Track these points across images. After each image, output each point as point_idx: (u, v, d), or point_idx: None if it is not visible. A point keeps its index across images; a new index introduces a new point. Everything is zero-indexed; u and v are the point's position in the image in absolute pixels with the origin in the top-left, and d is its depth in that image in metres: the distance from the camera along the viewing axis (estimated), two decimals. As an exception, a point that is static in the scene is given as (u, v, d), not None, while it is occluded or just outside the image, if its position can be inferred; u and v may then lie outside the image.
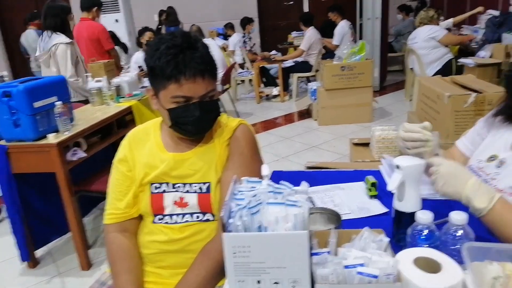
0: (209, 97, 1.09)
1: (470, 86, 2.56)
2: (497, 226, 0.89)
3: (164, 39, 1.05)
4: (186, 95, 1.05)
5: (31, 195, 2.37)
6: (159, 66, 1.03)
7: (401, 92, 5.83)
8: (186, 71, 1.02)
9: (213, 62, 1.10)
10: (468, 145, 1.25)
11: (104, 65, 2.96)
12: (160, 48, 1.03)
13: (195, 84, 1.04)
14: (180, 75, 1.02)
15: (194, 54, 1.03)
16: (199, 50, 1.05)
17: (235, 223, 0.70)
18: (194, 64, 1.02)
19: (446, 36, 4.43)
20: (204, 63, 1.04)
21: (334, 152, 3.85)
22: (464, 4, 6.44)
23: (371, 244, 0.79)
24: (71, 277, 2.29)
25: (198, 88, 1.05)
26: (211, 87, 1.08)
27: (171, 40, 1.04)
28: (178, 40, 1.04)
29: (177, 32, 1.08)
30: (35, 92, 2.06)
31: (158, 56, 1.03)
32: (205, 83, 1.06)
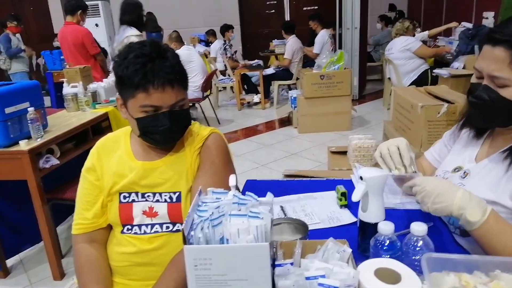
0: (179, 107, 1.09)
1: (443, 97, 2.63)
2: (488, 239, 0.88)
3: (133, 48, 1.05)
4: (154, 104, 1.05)
5: (2, 203, 2.31)
6: (127, 74, 1.02)
7: (380, 101, 5.94)
8: (154, 80, 1.01)
9: (183, 72, 1.09)
10: (436, 156, 1.28)
11: (80, 70, 2.91)
12: (129, 57, 1.03)
13: (164, 93, 1.03)
14: (149, 84, 1.01)
15: (163, 64, 1.03)
16: (168, 59, 1.05)
17: (197, 235, 0.70)
18: (163, 74, 1.02)
19: (420, 48, 4.54)
20: (173, 72, 1.04)
21: (313, 160, 3.88)
22: (440, 16, 6.65)
23: (335, 255, 0.80)
24: (43, 287, 2.23)
25: (167, 97, 1.04)
26: (181, 97, 1.08)
27: (140, 49, 1.03)
28: (147, 49, 1.03)
29: (146, 41, 1.08)
30: (7, 98, 2.01)
31: (126, 65, 1.03)
32: (175, 92, 1.05)
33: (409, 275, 0.73)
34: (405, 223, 1.05)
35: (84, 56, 4.08)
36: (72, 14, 4.08)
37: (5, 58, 5.73)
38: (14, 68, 5.90)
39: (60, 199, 2.31)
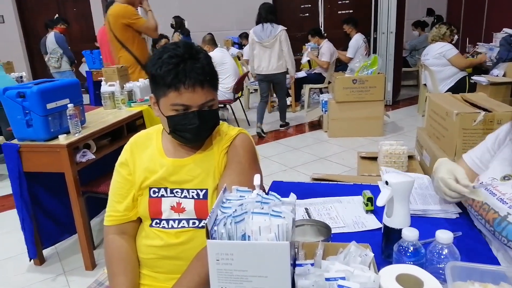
0: (208, 107, 1.12)
1: (480, 105, 2.54)
2: None
3: (167, 48, 1.09)
4: (185, 103, 1.08)
5: (41, 194, 2.42)
6: (160, 74, 1.07)
7: (414, 107, 5.79)
8: (186, 80, 1.05)
9: (214, 73, 1.13)
10: (477, 161, 1.23)
11: (118, 70, 3.02)
12: (163, 57, 1.07)
13: (194, 93, 1.07)
14: (180, 84, 1.05)
15: (194, 65, 1.06)
16: (200, 61, 1.08)
17: (219, 231, 0.72)
18: (194, 74, 1.05)
19: (456, 57, 4.39)
20: (204, 73, 1.07)
21: (342, 165, 3.83)
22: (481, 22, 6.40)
23: (357, 258, 0.80)
24: (75, 276, 2.33)
25: (197, 97, 1.08)
26: (211, 97, 1.11)
27: (174, 50, 1.08)
28: (181, 50, 1.07)
29: (180, 42, 1.12)
30: (49, 94, 2.12)
31: (160, 64, 1.07)
32: (204, 93, 1.09)
33: (431, 283, 0.72)
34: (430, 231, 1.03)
35: None
36: None
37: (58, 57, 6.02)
38: (64, 67, 6.20)
39: (95, 192, 2.41)
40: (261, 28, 4.59)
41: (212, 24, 8.14)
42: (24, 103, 2.07)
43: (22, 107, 2.08)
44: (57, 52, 6.05)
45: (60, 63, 6.10)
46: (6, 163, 2.21)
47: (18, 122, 2.11)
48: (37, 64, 9.27)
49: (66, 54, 6.13)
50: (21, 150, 2.16)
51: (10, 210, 3.16)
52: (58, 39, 6.08)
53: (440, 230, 0.80)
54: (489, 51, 4.74)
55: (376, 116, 4.52)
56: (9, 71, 5.05)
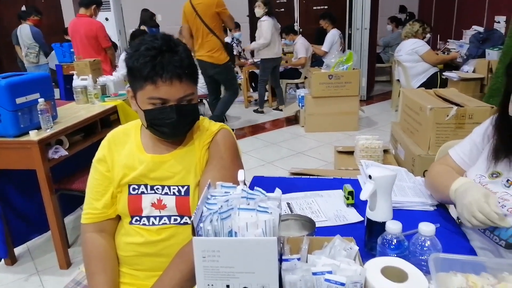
0: (187, 101, 1.09)
1: (452, 100, 2.62)
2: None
3: (145, 40, 1.06)
4: (162, 97, 1.05)
5: (11, 192, 2.33)
6: (137, 67, 1.04)
7: (388, 102, 5.91)
8: (163, 73, 1.02)
9: (193, 67, 1.10)
10: (465, 158, 1.20)
11: (90, 63, 2.93)
12: (140, 49, 1.04)
13: (171, 87, 1.04)
14: (157, 76, 1.02)
15: (172, 57, 1.03)
16: (178, 54, 1.05)
17: (205, 227, 0.70)
18: (172, 67, 1.02)
19: (427, 53, 4.50)
20: (182, 67, 1.04)
21: (319, 159, 3.88)
22: (451, 19, 6.60)
23: (342, 252, 0.80)
24: (49, 275, 2.26)
25: (174, 91, 1.05)
26: (189, 91, 1.08)
27: (151, 42, 1.04)
28: (158, 42, 1.04)
29: (158, 34, 1.08)
30: (18, 88, 2.03)
31: (137, 57, 1.04)
32: (183, 86, 1.06)
33: (415, 274, 0.73)
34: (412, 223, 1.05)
35: (96, 49, 4.12)
36: (87, 7, 4.14)
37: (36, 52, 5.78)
38: (41, 61, 5.97)
39: (68, 189, 2.33)
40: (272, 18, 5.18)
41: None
42: (-9, 98, 1.97)
43: (-11, 101, 1.98)
44: (35, 47, 5.81)
45: (39, 58, 5.87)
46: (-27, 160, 2.11)
47: (-15, 118, 2.01)
48: (3, 57, 8.88)
49: (43, 50, 5.89)
50: (-11, 147, 2.06)
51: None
52: (35, 34, 5.83)
53: (423, 222, 0.81)
54: (459, 47, 4.89)
55: (351, 111, 4.59)
56: (-26, 64, 4.81)
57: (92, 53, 4.07)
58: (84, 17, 4.16)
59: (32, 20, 5.88)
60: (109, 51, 4.29)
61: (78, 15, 4.21)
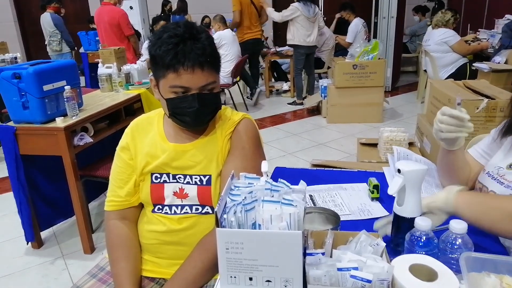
0: (209, 90, 1.08)
1: (482, 92, 2.52)
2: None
3: (168, 28, 1.05)
4: (184, 85, 1.04)
5: (38, 177, 2.39)
6: (160, 54, 1.02)
7: (413, 94, 5.77)
8: (185, 61, 1.01)
9: (216, 54, 1.08)
10: (482, 152, 1.22)
11: (115, 51, 2.96)
12: (162, 37, 1.03)
13: (193, 75, 1.03)
14: (179, 65, 1.01)
15: (194, 45, 1.02)
16: (200, 41, 1.03)
17: (229, 219, 0.69)
18: (194, 55, 1.01)
19: (458, 43, 4.33)
20: (204, 54, 1.02)
21: (341, 151, 3.82)
22: (483, 8, 6.33)
23: (368, 248, 0.78)
24: (73, 259, 2.32)
25: (196, 79, 1.04)
26: (211, 79, 1.07)
27: (174, 30, 1.03)
28: (181, 30, 1.03)
29: (181, 22, 1.07)
30: (45, 76, 2.07)
31: (160, 44, 1.03)
32: (205, 75, 1.04)
33: (446, 273, 0.70)
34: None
35: (119, 37, 4.17)
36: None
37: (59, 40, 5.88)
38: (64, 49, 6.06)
39: (93, 176, 2.38)
40: (304, 5, 5.13)
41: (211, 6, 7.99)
42: (20, 85, 2.02)
43: (18, 88, 2.03)
44: (57, 35, 5.89)
45: (61, 46, 5.96)
46: (2, 145, 2.18)
47: (14, 104, 2.06)
48: (31, 45, 9.10)
49: (64, 38, 5.98)
50: (17, 133, 2.11)
51: (6, 193, 3.13)
52: (56, 20, 5.91)
53: (454, 219, 0.78)
54: (490, 37, 4.69)
55: (375, 102, 4.49)
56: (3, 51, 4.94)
57: (115, 41, 4.12)
58: (108, 5, 4.21)
59: (52, 7, 5.95)
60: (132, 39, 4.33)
61: (103, 3, 4.28)
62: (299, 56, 5.33)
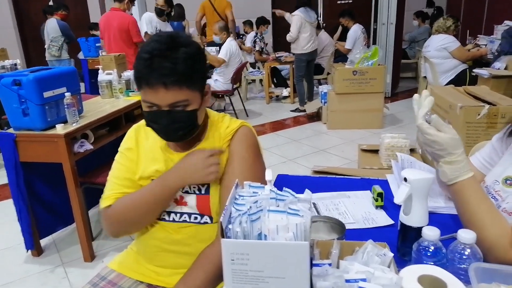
0: (182, 107, 1.04)
1: (483, 98, 2.51)
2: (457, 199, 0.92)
3: (149, 40, 1.05)
4: (152, 101, 1.03)
5: (38, 184, 2.38)
6: (134, 68, 1.03)
7: (413, 100, 5.76)
8: (148, 79, 0.99)
9: (191, 72, 1.02)
10: (484, 162, 1.17)
11: (115, 58, 2.96)
12: (141, 50, 1.03)
13: (157, 93, 1.00)
14: (143, 81, 1.00)
15: (161, 64, 0.98)
16: (170, 59, 0.99)
17: (234, 229, 0.68)
18: (156, 75, 0.98)
19: (458, 49, 4.34)
20: (171, 74, 0.98)
21: (342, 157, 3.81)
22: (481, 14, 6.36)
23: (375, 258, 0.77)
24: (74, 267, 2.30)
25: (160, 97, 1.01)
26: (181, 97, 1.02)
27: (149, 44, 1.02)
28: (155, 45, 1.01)
29: (164, 35, 1.04)
30: (45, 82, 2.06)
31: (137, 58, 1.03)
32: (170, 93, 1.00)
33: (455, 285, 0.69)
34: (447, 229, 1.00)
35: (127, 43, 4.19)
36: (120, 1, 4.22)
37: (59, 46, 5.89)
38: (63, 55, 6.08)
39: (93, 183, 2.36)
40: (305, 11, 5.11)
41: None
42: (20, 91, 2.01)
43: (18, 95, 2.02)
44: (59, 41, 5.92)
45: (61, 52, 5.98)
46: (1, 152, 2.16)
47: (14, 111, 2.06)
48: (31, 51, 9.11)
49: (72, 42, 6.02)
50: (17, 140, 2.10)
51: (5, 200, 3.11)
52: (63, 27, 5.94)
53: (463, 229, 0.77)
54: (490, 43, 4.70)
55: (375, 108, 4.50)
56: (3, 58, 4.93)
57: (123, 46, 4.13)
58: (117, 11, 4.22)
59: (60, 14, 6.00)
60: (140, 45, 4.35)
61: (111, 9, 4.29)
62: (300, 63, 5.32)
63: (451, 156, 0.90)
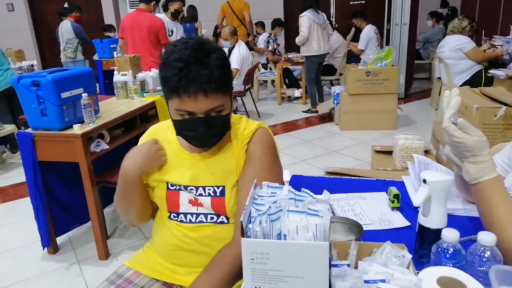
0: (216, 112, 1.05)
1: (499, 99, 2.48)
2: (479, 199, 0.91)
3: (176, 48, 1.02)
4: (188, 110, 1.03)
5: (54, 183, 2.42)
6: (165, 77, 1.01)
7: (427, 101, 5.71)
8: (188, 87, 0.98)
9: (225, 77, 1.04)
10: (503, 164, 1.16)
11: (130, 59, 2.99)
12: (170, 58, 1.01)
13: (196, 101, 1.00)
14: (182, 90, 0.99)
15: (199, 71, 0.98)
16: (207, 66, 0.99)
17: (254, 229, 0.69)
18: (197, 82, 0.98)
19: (473, 50, 4.28)
20: (210, 81, 0.99)
21: (354, 158, 3.79)
22: (497, 15, 6.26)
23: (393, 260, 0.77)
24: (89, 265, 2.34)
25: (200, 105, 1.01)
26: (218, 103, 1.03)
27: (180, 52, 1.00)
28: (187, 53, 0.99)
29: (191, 41, 1.03)
30: (63, 83, 2.10)
31: (166, 66, 1.01)
32: (209, 100, 1.01)
33: (475, 287, 0.69)
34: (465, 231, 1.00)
35: (154, 45, 4.23)
36: (147, 2, 4.27)
37: (74, 47, 5.99)
38: (78, 56, 6.18)
39: (108, 182, 2.40)
40: (314, 12, 5.06)
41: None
42: (38, 92, 2.05)
43: (36, 96, 2.06)
44: (74, 42, 6.02)
45: (76, 53, 6.08)
46: (20, 151, 2.21)
47: (32, 111, 2.10)
48: (46, 53, 9.26)
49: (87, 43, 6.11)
50: (35, 139, 2.14)
51: (23, 199, 3.17)
52: (76, 29, 6.05)
53: (483, 232, 0.76)
54: (506, 44, 4.63)
55: (389, 109, 4.46)
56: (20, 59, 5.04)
57: (150, 47, 4.17)
58: (144, 11, 4.24)
59: (73, 16, 6.10)
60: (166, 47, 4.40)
61: (137, 10, 4.31)
62: (311, 65, 5.26)
63: (476, 158, 0.89)
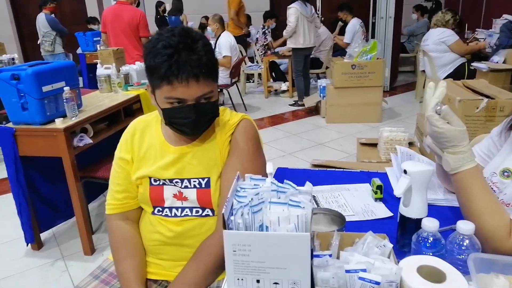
0: (206, 99, 1.05)
1: (482, 91, 2.52)
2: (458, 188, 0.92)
3: (162, 36, 1.01)
4: (179, 97, 1.02)
5: (37, 179, 2.38)
6: (154, 65, 1.00)
7: (412, 93, 5.78)
8: (179, 73, 0.97)
9: (212, 63, 1.04)
10: (482, 155, 1.18)
11: (114, 52, 2.95)
12: (157, 46, 1.00)
13: (188, 87, 1.00)
14: (173, 77, 0.98)
15: (189, 57, 0.98)
16: (196, 51, 0.99)
17: (236, 221, 0.69)
18: (188, 68, 0.98)
19: (456, 43, 4.34)
20: (200, 66, 0.99)
21: (340, 151, 3.82)
22: (480, 8, 6.35)
23: (374, 249, 0.78)
24: (74, 261, 2.31)
25: (192, 91, 1.01)
26: (208, 89, 1.04)
27: (168, 39, 0.99)
28: (175, 39, 0.99)
29: (176, 29, 1.03)
30: (44, 76, 2.06)
31: (154, 54, 1.00)
32: (200, 86, 1.01)
33: (454, 275, 0.70)
34: (446, 220, 1.01)
35: (137, 37, 4.17)
36: None
37: (51, 40, 5.84)
38: (57, 50, 6.03)
39: (92, 177, 2.37)
40: (302, 4, 5.07)
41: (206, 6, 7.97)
42: (19, 86, 2.01)
43: (17, 89, 2.01)
44: (50, 35, 5.87)
45: (54, 46, 5.94)
46: (1, 147, 2.16)
47: (13, 105, 2.05)
48: (28, 46, 9.05)
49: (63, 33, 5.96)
50: (16, 134, 2.10)
51: (5, 194, 3.11)
52: (51, 21, 5.88)
53: (462, 221, 0.78)
54: (488, 37, 4.70)
55: (374, 102, 4.50)
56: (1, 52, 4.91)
57: (133, 40, 4.10)
58: (125, 4, 4.16)
59: (48, 8, 5.93)
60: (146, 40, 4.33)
61: (118, 2, 4.22)
62: (298, 58, 5.28)
63: (455, 148, 0.90)
